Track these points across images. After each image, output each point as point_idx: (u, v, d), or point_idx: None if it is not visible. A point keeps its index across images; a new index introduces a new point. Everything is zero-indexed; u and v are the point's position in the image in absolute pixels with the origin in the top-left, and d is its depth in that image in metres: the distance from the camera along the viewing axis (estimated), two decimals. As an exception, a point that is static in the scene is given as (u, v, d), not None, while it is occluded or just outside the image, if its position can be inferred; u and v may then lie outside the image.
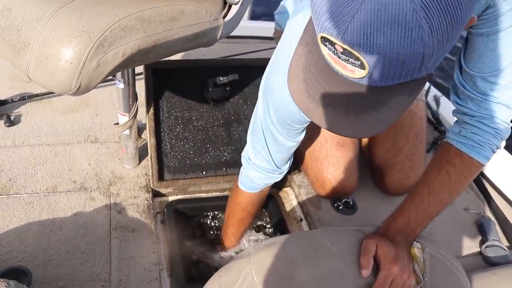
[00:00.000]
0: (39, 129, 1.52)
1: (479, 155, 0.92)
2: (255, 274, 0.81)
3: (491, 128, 0.91)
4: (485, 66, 0.88)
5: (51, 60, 0.80)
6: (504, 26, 0.83)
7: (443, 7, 0.54)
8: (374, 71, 0.59)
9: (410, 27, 0.53)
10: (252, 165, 1.15)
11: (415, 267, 0.90)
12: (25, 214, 1.23)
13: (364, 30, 0.54)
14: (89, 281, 1.10)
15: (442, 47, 0.58)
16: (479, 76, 0.89)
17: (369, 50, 0.56)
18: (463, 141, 0.93)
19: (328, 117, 0.66)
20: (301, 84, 0.68)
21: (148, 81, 1.36)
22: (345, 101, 0.64)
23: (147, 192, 1.35)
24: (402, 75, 0.59)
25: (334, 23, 0.56)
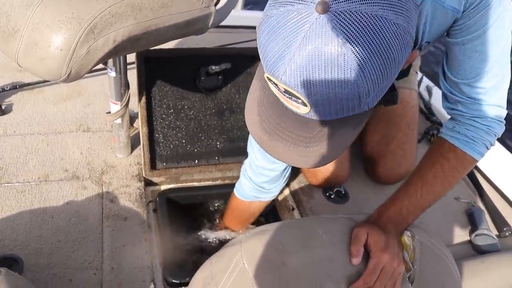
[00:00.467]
0: (30, 118, 1.51)
1: (473, 150, 0.93)
2: (246, 262, 0.82)
3: (484, 126, 0.93)
4: (467, 73, 0.91)
5: (41, 47, 0.80)
6: (477, 35, 0.86)
7: (373, 51, 0.57)
8: (316, 108, 0.62)
9: (342, 70, 0.57)
10: (245, 173, 1.22)
11: (405, 255, 0.91)
12: (16, 203, 1.23)
13: (300, 73, 0.58)
14: (81, 269, 1.10)
15: (378, 86, 0.61)
16: (463, 83, 0.92)
17: (306, 91, 0.60)
18: (457, 136, 0.94)
19: (280, 149, 0.71)
20: (255, 117, 0.72)
21: (140, 70, 1.36)
22: (294, 134, 0.69)
23: (139, 181, 1.35)
24: (344, 111, 0.63)
25: (275, 66, 0.60)
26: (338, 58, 0.57)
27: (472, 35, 0.86)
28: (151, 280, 1.10)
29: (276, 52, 0.60)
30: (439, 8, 0.84)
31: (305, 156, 0.69)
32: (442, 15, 0.85)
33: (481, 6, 0.83)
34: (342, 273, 0.85)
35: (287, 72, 0.59)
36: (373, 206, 0.99)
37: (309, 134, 0.68)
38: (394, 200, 0.97)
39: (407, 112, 1.46)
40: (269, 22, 0.61)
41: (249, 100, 0.75)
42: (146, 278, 1.11)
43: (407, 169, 1.46)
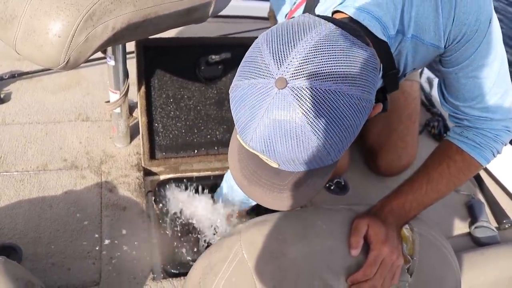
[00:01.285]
0: (29, 107, 1.50)
1: (480, 156, 0.95)
2: (245, 252, 0.81)
3: (491, 134, 0.95)
4: (466, 97, 0.93)
5: (39, 34, 0.79)
6: (466, 64, 0.89)
7: (328, 121, 0.63)
8: (283, 166, 0.69)
9: (301, 139, 0.63)
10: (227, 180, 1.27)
11: (404, 247, 0.91)
12: (15, 192, 1.22)
13: (264, 141, 0.65)
14: (80, 258, 1.10)
15: (337, 146, 0.66)
16: (464, 106, 0.95)
17: (271, 155, 0.67)
18: (465, 141, 0.96)
19: (257, 193, 0.77)
20: (236, 164, 0.79)
21: (139, 59, 1.35)
22: (269, 181, 0.75)
23: (138, 170, 1.34)
24: (310, 166, 0.69)
25: (243, 132, 0.68)
26: (296, 129, 0.62)
27: (461, 65, 0.89)
28: (150, 270, 1.10)
29: (243, 120, 0.67)
30: (419, 44, 0.87)
31: (280, 200, 0.75)
32: (423, 50, 0.89)
33: (464, 40, 0.85)
34: (342, 264, 0.85)
35: (253, 140, 0.66)
36: (373, 198, 0.99)
37: (282, 182, 0.74)
38: (398, 193, 0.97)
39: (408, 104, 1.45)
40: (237, 92, 0.67)
41: (231, 146, 0.81)
42: (145, 268, 1.10)
43: (408, 161, 1.45)
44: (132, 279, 1.08)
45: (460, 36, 0.84)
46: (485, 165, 0.97)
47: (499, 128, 0.94)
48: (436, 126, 1.72)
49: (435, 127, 1.72)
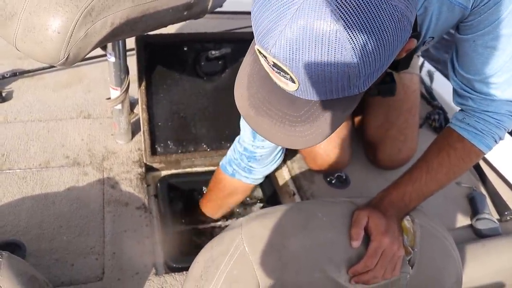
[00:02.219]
0: (31, 105, 1.51)
1: (481, 143, 0.93)
2: (247, 244, 0.82)
3: (494, 119, 0.92)
4: (479, 69, 0.89)
5: (39, 30, 0.79)
6: (488, 30, 0.84)
7: (366, 30, 0.55)
8: (304, 85, 0.61)
9: (333, 47, 0.55)
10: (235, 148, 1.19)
11: (405, 239, 0.91)
12: (18, 189, 1.23)
13: (290, 46, 0.57)
14: (83, 254, 1.11)
15: (370, 68, 0.59)
16: (475, 79, 0.91)
17: (294, 65, 0.58)
18: (466, 128, 0.94)
19: (264, 126, 0.69)
20: (244, 92, 0.71)
21: (139, 55, 1.35)
22: (281, 111, 0.67)
23: (140, 166, 1.35)
24: (333, 92, 0.62)
25: (265, 38, 0.59)
26: (330, 35, 0.55)
27: (483, 31, 0.84)
28: (153, 265, 1.11)
29: (267, 23, 0.58)
30: (446, 3, 0.82)
31: (290, 136, 0.68)
32: (448, 10, 0.83)
33: (492, 2, 0.80)
34: (343, 256, 0.85)
35: (276, 45, 0.58)
36: (374, 192, 0.99)
37: (296, 113, 0.66)
38: (397, 185, 0.96)
39: (408, 97, 1.45)
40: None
41: (240, 75, 0.74)
42: (147, 263, 1.11)
43: (408, 155, 1.45)
44: (135, 274, 1.08)
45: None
46: (487, 152, 0.94)
47: (503, 113, 0.92)
48: (437, 119, 1.72)
49: (436, 120, 1.72)
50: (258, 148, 1.12)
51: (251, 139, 1.11)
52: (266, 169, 1.20)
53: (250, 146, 1.13)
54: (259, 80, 0.68)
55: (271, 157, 1.17)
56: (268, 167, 1.20)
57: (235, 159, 1.19)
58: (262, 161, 1.16)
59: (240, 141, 1.16)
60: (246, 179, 1.21)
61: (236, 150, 1.18)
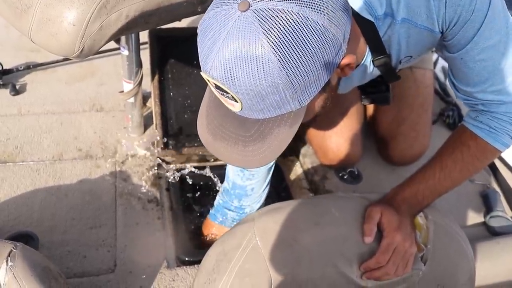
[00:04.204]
0: (44, 98, 1.52)
1: (495, 141, 0.92)
2: (259, 239, 0.82)
3: (507, 117, 0.91)
4: (477, 82, 0.89)
5: (54, 22, 0.80)
6: (470, 47, 0.84)
7: (289, 43, 0.61)
8: (246, 103, 0.66)
9: (261, 62, 0.62)
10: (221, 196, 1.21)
11: (417, 235, 0.91)
12: (31, 181, 1.24)
13: (224, 67, 0.63)
14: (95, 246, 1.11)
15: (301, 79, 0.64)
16: (477, 91, 0.90)
17: (231, 83, 0.64)
18: (480, 125, 0.93)
19: (221, 149, 0.74)
20: (203, 120, 0.77)
21: (153, 49, 1.35)
22: (234, 133, 0.72)
23: (152, 160, 1.35)
24: (275, 108, 0.67)
25: (205, 62, 0.66)
26: (256, 51, 0.61)
27: (465, 48, 0.84)
28: (164, 258, 1.11)
29: (205, 49, 0.66)
30: (411, 27, 0.83)
31: (245, 156, 0.72)
32: (417, 33, 0.85)
33: (461, 22, 0.80)
34: (355, 251, 0.85)
35: (213, 67, 0.64)
36: (386, 187, 0.99)
37: (247, 133, 0.71)
38: (411, 182, 0.96)
39: (420, 92, 1.43)
40: (202, 24, 0.68)
41: (201, 105, 0.79)
42: (159, 256, 1.11)
43: (420, 151, 1.44)
44: (147, 267, 1.09)
45: (456, 18, 0.80)
46: (504, 150, 0.93)
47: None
48: (451, 115, 1.70)
49: (449, 116, 1.70)
50: (247, 180, 1.13)
51: (238, 170, 1.13)
52: (257, 204, 1.19)
53: (239, 179, 1.14)
54: (215, 107, 0.74)
55: (260, 191, 1.17)
56: (259, 201, 1.19)
57: (224, 202, 1.19)
58: (253, 195, 1.17)
59: (228, 180, 1.17)
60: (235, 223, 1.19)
61: (226, 192, 1.18)
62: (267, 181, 1.18)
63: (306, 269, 0.81)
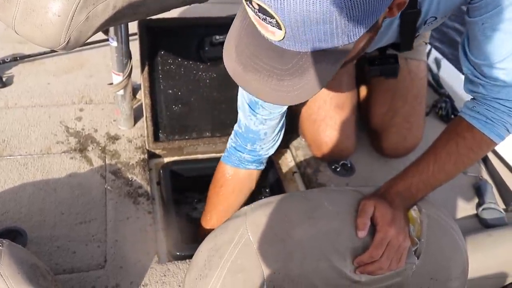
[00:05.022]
0: (32, 90, 1.49)
1: (491, 132, 0.90)
2: (251, 234, 0.81)
3: (505, 107, 0.90)
4: (488, 54, 0.86)
5: (38, 13, 0.77)
6: (495, 12, 0.81)
7: None
8: (290, 31, 0.59)
9: None
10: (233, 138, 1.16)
11: (411, 229, 0.90)
12: (19, 175, 1.22)
13: None
14: (85, 242, 1.10)
15: (357, 11, 0.57)
16: (484, 64, 0.88)
17: (279, 5, 0.56)
18: (476, 116, 0.91)
19: (253, 82, 0.67)
20: (232, 50, 0.69)
21: (142, 40, 1.33)
22: (269, 65, 0.65)
23: (143, 153, 1.33)
24: (321, 39, 0.60)
25: None
26: None
27: (491, 13, 0.81)
28: (155, 253, 1.10)
29: None
30: None
31: (278, 91, 0.66)
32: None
33: None
34: (348, 246, 0.84)
35: None
36: (380, 180, 0.98)
37: (284, 66, 0.64)
38: (405, 175, 0.95)
39: (414, 84, 1.43)
40: None
41: (228, 38, 0.72)
42: (150, 251, 1.10)
43: (413, 143, 1.44)
44: (138, 262, 1.07)
45: None
46: (499, 142, 0.92)
47: None
48: (444, 107, 1.70)
49: (442, 108, 1.69)
50: (260, 124, 1.09)
51: (251, 114, 1.07)
52: (271, 149, 1.16)
53: (252, 124, 1.09)
54: (247, 36, 0.67)
55: (273, 134, 1.13)
56: (273, 146, 1.16)
57: (237, 145, 1.15)
58: (266, 139, 1.13)
59: (240, 124, 1.13)
60: (250, 165, 1.17)
61: (238, 135, 1.14)
62: (280, 126, 1.14)
63: (299, 264, 0.81)
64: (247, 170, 1.17)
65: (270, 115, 1.06)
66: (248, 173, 1.18)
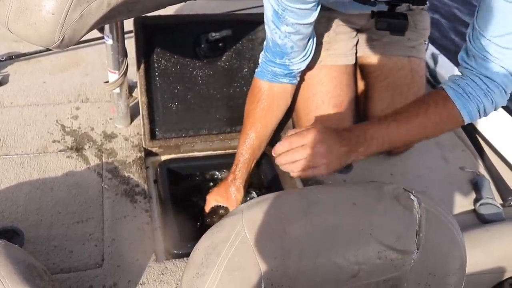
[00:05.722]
0: (27, 89, 1.48)
1: (464, 107, 0.92)
2: (248, 231, 0.80)
3: (485, 86, 0.91)
4: (492, 27, 0.87)
5: (32, 11, 0.77)
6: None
7: None
8: None
9: None
10: (264, 53, 1.19)
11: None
12: (15, 175, 1.21)
13: None
14: (82, 241, 1.09)
15: None
16: (483, 36, 0.89)
17: None
18: (455, 88, 0.93)
19: None
20: None
21: (138, 37, 1.32)
22: None
23: (139, 151, 1.33)
24: None
25: None
26: None
27: None
28: (153, 251, 1.10)
29: None
30: None
31: None
32: None
33: None
34: (347, 239, 0.84)
35: None
36: (377, 176, 0.98)
37: None
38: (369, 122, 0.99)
39: (415, 81, 1.43)
40: None
41: None
42: (147, 249, 1.10)
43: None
44: (135, 261, 1.07)
45: None
46: (467, 121, 0.93)
47: (497, 82, 0.91)
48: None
49: (439, 103, 1.69)
50: (285, 38, 1.09)
51: (276, 28, 1.08)
52: (301, 63, 1.18)
53: (277, 38, 1.10)
54: None
55: (302, 50, 1.15)
56: (303, 61, 1.18)
57: (268, 60, 1.17)
58: (294, 54, 1.14)
59: (268, 39, 1.14)
60: (283, 79, 1.19)
61: (267, 49, 1.16)
62: (309, 44, 1.16)
63: (297, 261, 0.80)
64: (281, 84, 1.19)
65: (293, 30, 1.08)
66: (283, 87, 1.20)
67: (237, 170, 1.22)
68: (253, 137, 1.21)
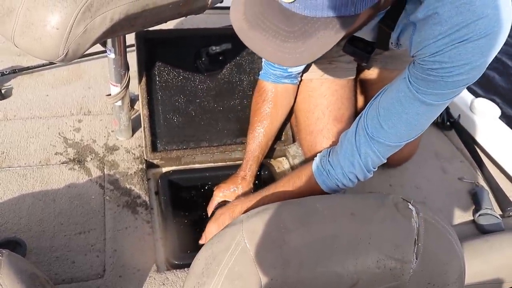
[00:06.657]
0: (30, 102, 1.50)
1: (323, 183, 1.05)
2: (248, 241, 0.81)
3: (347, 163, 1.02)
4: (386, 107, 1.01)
5: (37, 26, 0.79)
6: None
7: None
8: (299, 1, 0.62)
9: None
10: None
11: None
12: (18, 186, 1.22)
13: None
14: (84, 252, 1.10)
15: None
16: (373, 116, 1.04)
17: None
18: (319, 165, 1.06)
19: (256, 39, 0.69)
20: (240, 6, 0.71)
21: (139, 51, 1.34)
22: (275, 25, 0.67)
23: (141, 163, 1.34)
24: (330, 7, 0.63)
25: None
26: None
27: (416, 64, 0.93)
28: (154, 262, 1.11)
29: None
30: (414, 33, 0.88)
31: (280, 51, 0.68)
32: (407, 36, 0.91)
33: None
34: (345, 249, 0.84)
35: None
36: (375, 187, 0.99)
37: (290, 28, 0.66)
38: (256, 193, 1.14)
39: None
40: None
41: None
42: (148, 260, 1.11)
43: (409, 152, 1.44)
44: (136, 271, 1.08)
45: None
46: (326, 191, 1.06)
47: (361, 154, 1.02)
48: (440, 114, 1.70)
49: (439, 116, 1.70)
50: None
51: None
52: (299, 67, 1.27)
53: None
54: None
55: None
56: None
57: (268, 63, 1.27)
58: None
59: None
60: (285, 80, 1.29)
61: None
62: None
63: (296, 270, 0.81)
64: (284, 84, 1.30)
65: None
66: (285, 87, 1.31)
67: (248, 167, 1.30)
68: (261, 133, 1.31)
